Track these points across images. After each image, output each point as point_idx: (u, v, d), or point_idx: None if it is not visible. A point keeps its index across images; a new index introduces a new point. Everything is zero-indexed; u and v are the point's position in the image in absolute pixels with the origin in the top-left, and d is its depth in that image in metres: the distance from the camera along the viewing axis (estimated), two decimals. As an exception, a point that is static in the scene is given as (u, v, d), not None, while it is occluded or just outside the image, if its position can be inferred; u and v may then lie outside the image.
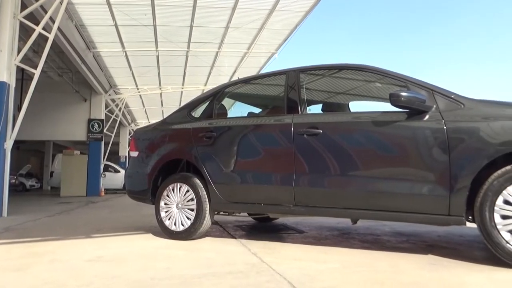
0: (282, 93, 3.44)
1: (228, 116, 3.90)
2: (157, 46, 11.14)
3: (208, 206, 3.50)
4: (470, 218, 2.52)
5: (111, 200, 11.32)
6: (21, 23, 6.85)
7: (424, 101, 2.65)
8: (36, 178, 22.54)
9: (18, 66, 6.79)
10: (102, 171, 14.83)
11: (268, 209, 3.32)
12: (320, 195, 3.00)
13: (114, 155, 22.16)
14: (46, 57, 7.20)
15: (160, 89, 15.34)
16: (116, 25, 9.61)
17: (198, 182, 3.56)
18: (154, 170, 3.84)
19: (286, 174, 3.12)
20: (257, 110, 4.17)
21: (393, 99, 2.65)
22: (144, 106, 19.25)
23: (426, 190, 2.58)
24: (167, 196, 3.72)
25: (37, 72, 6.94)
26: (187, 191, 3.60)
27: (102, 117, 14.91)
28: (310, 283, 2.08)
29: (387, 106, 2.79)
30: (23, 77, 10.76)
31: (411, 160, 2.67)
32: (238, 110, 4.38)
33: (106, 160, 15.82)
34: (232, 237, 3.75)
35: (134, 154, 4.13)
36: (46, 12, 7.17)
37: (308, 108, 3.31)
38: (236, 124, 3.58)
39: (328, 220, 4.82)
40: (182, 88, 15.19)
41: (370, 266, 2.45)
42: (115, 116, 16.39)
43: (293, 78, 3.38)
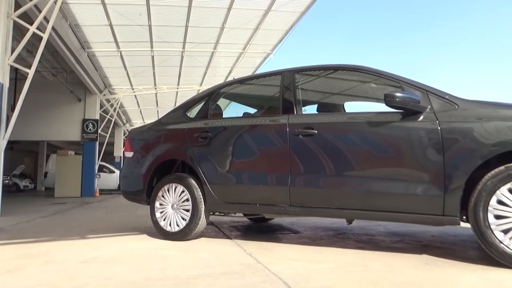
0: (278, 93, 3.45)
1: (223, 116, 3.89)
2: (152, 46, 11.10)
3: (203, 206, 3.49)
4: (464, 218, 2.54)
5: (106, 200, 11.26)
6: (15, 23, 6.79)
7: (418, 101, 2.67)
8: (30, 179, 22.35)
9: (11, 66, 6.73)
10: (96, 172, 14.76)
11: (263, 209, 3.32)
12: (315, 196, 3.01)
13: (108, 156, 22.08)
14: (40, 56, 7.15)
15: (155, 89, 15.29)
16: (111, 25, 9.56)
17: (193, 182, 3.55)
18: (149, 170, 3.82)
19: (281, 174, 3.13)
20: (252, 111, 4.17)
21: (387, 100, 2.66)
22: (139, 106, 19.18)
23: (420, 190, 2.60)
24: (162, 196, 3.71)
25: (31, 72, 6.89)
26: (182, 192, 3.59)
27: (97, 117, 14.81)
28: (305, 283, 2.08)
29: (382, 107, 2.80)
30: (17, 77, 10.68)
31: (406, 160, 2.69)
32: (233, 110, 4.38)
33: (101, 160, 15.74)
34: (227, 237, 3.75)
35: (129, 154, 4.11)
36: (40, 11, 7.12)
37: (303, 108, 3.32)
38: (231, 124, 3.57)
39: (323, 220, 4.83)
40: (177, 88, 15.15)
41: (365, 266, 2.46)
42: (110, 116, 16.29)
43: (288, 78, 3.38)
